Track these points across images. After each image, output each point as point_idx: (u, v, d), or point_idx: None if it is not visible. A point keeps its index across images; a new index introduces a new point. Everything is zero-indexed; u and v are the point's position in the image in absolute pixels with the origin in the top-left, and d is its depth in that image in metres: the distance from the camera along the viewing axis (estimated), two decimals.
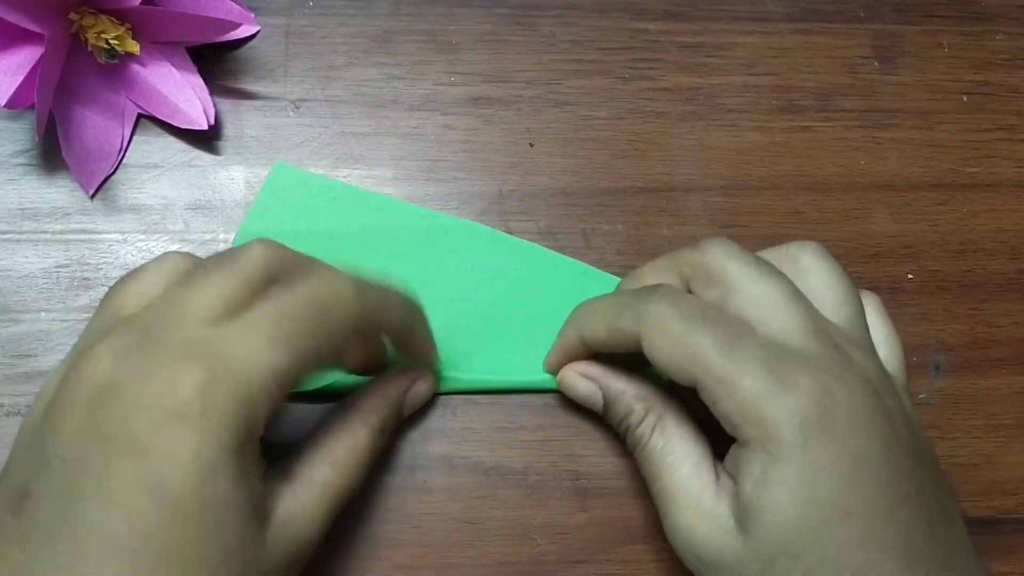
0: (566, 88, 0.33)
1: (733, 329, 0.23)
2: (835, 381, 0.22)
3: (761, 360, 0.22)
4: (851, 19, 0.35)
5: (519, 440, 0.29)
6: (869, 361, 0.24)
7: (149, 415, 0.20)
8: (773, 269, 0.24)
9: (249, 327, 0.21)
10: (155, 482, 0.19)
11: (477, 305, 0.30)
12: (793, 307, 0.23)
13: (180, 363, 0.20)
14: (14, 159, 0.31)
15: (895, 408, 0.23)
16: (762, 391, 0.22)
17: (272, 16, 0.33)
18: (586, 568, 0.28)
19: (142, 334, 0.21)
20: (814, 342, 0.23)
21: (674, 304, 0.24)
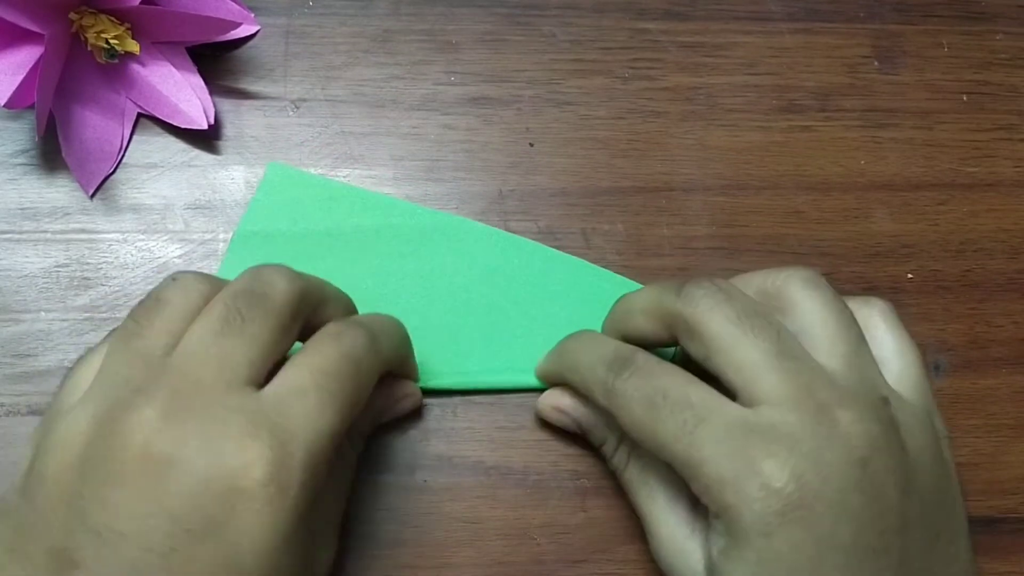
0: (566, 88, 0.33)
1: (697, 411, 0.22)
2: (806, 461, 0.21)
3: (725, 443, 0.21)
4: (851, 19, 0.35)
5: (519, 440, 0.29)
6: (861, 419, 0.22)
7: (222, 495, 0.19)
8: (759, 321, 0.23)
9: (300, 393, 0.21)
10: (232, 562, 0.19)
11: (475, 303, 0.30)
12: (776, 372, 0.22)
13: (249, 438, 0.20)
14: (14, 159, 0.31)
15: (885, 470, 0.22)
16: (724, 477, 0.21)
17: (272, 16, 0.33)
18: (586, 568, 0.28)
19: (189, 395, 0.20)
20: (794, 411, 0.21)
21: (639, 386, 0.23)
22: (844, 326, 0.23)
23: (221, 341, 0.21)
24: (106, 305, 0.30)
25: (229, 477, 0.19)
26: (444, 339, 0.29)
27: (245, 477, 0.19)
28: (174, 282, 0.23)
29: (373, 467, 0.29)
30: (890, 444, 0.22)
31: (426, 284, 0.30)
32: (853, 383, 0.23)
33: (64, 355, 0.29)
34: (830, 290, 0.24)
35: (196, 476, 0.19)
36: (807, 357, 0.23)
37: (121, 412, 0.20)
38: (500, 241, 0.31)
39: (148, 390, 0.20)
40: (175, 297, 0.22)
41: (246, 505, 0.19)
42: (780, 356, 0.22)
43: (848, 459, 0.21)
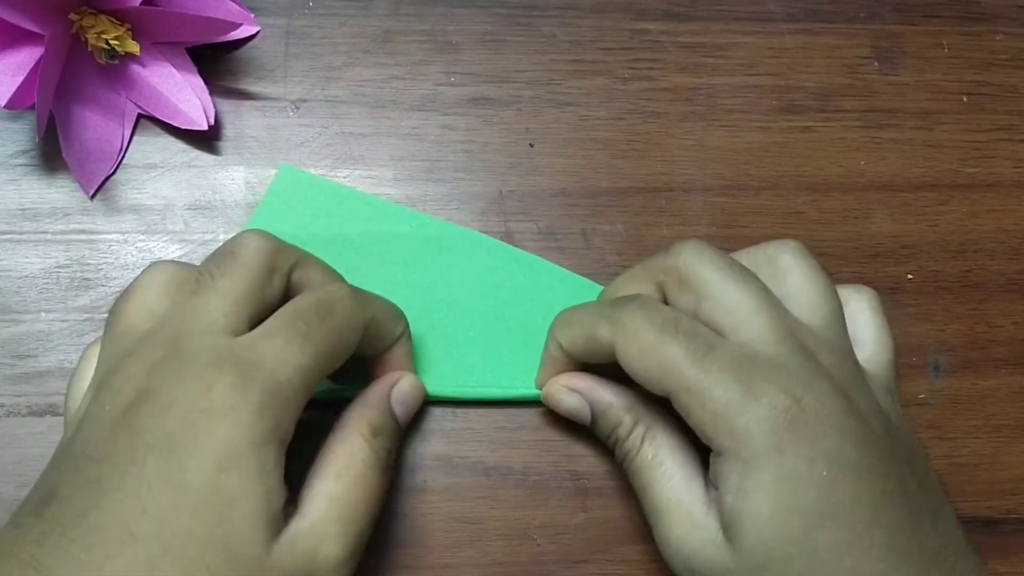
0: (566, 88, 0.33)
1: (704, 340, 0.23)
2: (802, 387, 0.22)
3: (731, 370, 0.22)
4: (851, 19, 0.35)
5: (519, 440, 0.29)
6: (838, 364, 0.24)
7: (181, 414, 0.21)
8: (745, 273, 0.24)
9: (270, 333, 0.22)
10: (176, 473, 0.20)
11: (477, 315, 0.30)
12: (764, 313, 0.23)
13: (213, 368, 0.21)
14: (14, 159, 0.31)
15: (868, 408, 0.23)
16: (732, 401, 0.22)
17: (272, 16, 0.33)
18: (586, 568, 0.28)
19: (169, 346, 0.22)
20: (783, 348, 0.23)
21: (647, 315, 0.24)
22: (828, 295, 0.25)
23: (194, 299, 0.23)
24: (106, 306, 0.30)
25: (191, 397, 0.21)
26: (445, 350, 0.29)
27: (206, 398, 0.21)
28: (146, 271, 0.25)
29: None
30: (865, 390, 0.24)
31: (429, 294, 0.30)
32: (830, 338, 0.24)
33: (64, 356, 0.29)
34: (815, 261, 0.26)
35: (164, 401, 0.21)
36: (788, 310, 0.24)
37: (113, 372, 0.22)
38: (505, 254, 0.31)
39: (134, 352, 0.22)
40: (146, 281, 0.24)
41: (201, 421, 0.20)
42: (768, 303, 0.24)
43: (835, 391, 0.23)
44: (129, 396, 0.21)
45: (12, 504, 0.28)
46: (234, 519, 0.20)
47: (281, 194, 0.31)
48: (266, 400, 0.21)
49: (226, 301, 0.23)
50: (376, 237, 0.31)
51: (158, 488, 0.20)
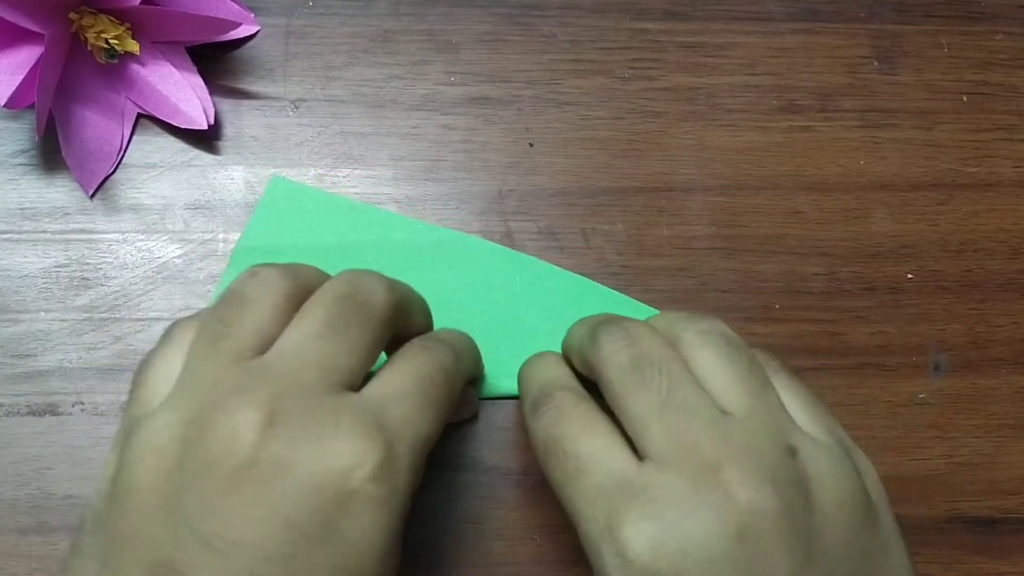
0: (566, 88, 0.33)
1: (580, 463, 0.21)
2: (668, 532, 0.19)
3: (596, 502, 0.21)
4: (851, 19, 0.35)
5: (519, 440, 0.29)
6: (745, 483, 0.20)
7: (337, 497, 0.19)
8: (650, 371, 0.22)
9: (403, 396, 0.21)
10: (347, 560, 0.19)
11: (477, 318, 0.30)
12: (658, 425, 0.21)
13: (358, 438, 0.19)
14: (14, 159, 0.31)
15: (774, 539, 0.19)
16: (589, 536, 0.21)
17: (272, 16, 0.33)
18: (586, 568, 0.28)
19: (291, 396, 0.20)
20: (668, 473, 0.20)
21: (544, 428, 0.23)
22: (742, 374, 0.22)
23: (323, 345, 0.21)
24: (106, 305, 0.30)
25: (343, 477, 0.19)
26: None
27: (359, 477, 0.19)
28: (254, 277, 0.22)
29: None
30: (786, 508, 0.20)
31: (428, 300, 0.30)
32: (752, 434, 0.21)
33: (64, 355, 0.29)
34: (724, 338, 0.23)
35: (310, 478, 0.19)
36: (702, 410, 0.21)
37: (220, 415, 0.19)
38: (501, 257, 0.31)
39: (246, 391, 0.19)
40: (259, 295, 0.22)
41: (361, 506, 0.19)
42: (667, 409, 0.21)
43: (721, 531, 0.19)
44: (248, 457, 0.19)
45: (12, 503, 0.28)
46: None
47: (273, 205, 0.31)
48: (412, 478, 0.20)
49: (354, 355, 0.21)
50: (371, 245, 0.31)
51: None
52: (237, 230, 0.31)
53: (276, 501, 0.18)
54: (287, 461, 0.19)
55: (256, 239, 0.30)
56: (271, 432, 0.19)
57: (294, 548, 0.18)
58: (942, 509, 0.30)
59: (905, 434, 0.30)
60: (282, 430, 0.19)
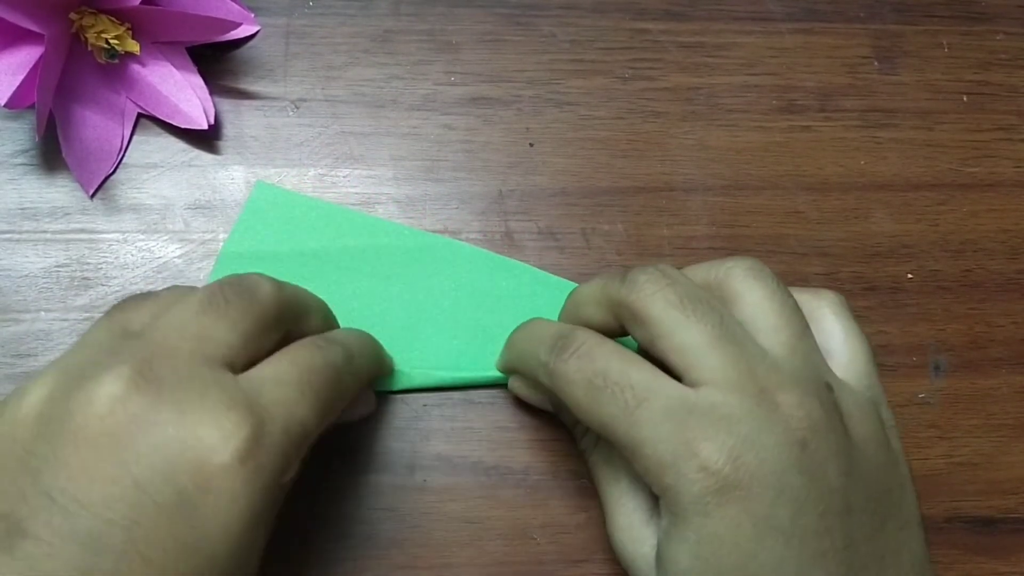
0: (566, 88, 0.33)
1: (635, 392, 0.22)
2: (744, 442, 0.21)
3: (663, 425, 0.21)
4: (851, 19, 0.35)
5: (519, 440, 0.29)
6: (800, 404, 0.22)
7: (196, 468, 0.18)
8: (700, 307, 0.22)
9: (280, 380, 0.21)
10: (197, 538, 0.18)
11: (462, 323, 0.30)
12: (717, 352, 0.22)
13: (226, 413, 0.19)
14: (14, 159, 0.31)
15: (831, 449, 0.22)
16: (662, 459, 0.21)
17: (272, 16, 0.33)
18: (586, 568, 0.28)
19: (163, 362, 0.20)
20: (734, 392, 0.21)
21: (580, 367, 0.23)
22: (787, 314, 0.23)
23: (201, 318, 0.21)
24: (106, 305, 0.30)
25: (206, 450, 0.18)
26: (433, 360, 0.29)
27: (223, 451, 0.19)
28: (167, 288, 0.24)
29: (373, 467, 0.29)
30: (832, 427, 0.22)
31: (412, 305, 0.30)
32: (796, 368, 0.23)
33: None
34: (773, 279, 0.24)
35: (169, 445, 0.18)
36: (750, 342, 0.23)
37: (91, 371, 0.19)
38: (486, 261, 0.31)
39: (119, 353, 0.20)
40: (165, 292, 0.23)
41: (220, 483, 0.18)
42: (722, 339, 0.22)
43: (787, 440, 0.21)
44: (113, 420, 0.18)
45: None
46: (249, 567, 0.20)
47: (257, 211, 0.31)
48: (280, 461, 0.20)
49: (233, 332, 0.21)
50: (355, 250, 0.30)
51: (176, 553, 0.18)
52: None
53: (128, 460, 0.18)
54: (146, 423, 0.18)
55: (241, 244, 0.30)
56: (135, 393, 0.19)
57: (140, 513, 0.18)
58: (942, 509, 0.30)
59: (905, 434, 0.30)
60: (146, 392, 0.19)
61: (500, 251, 0.31)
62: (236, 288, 0.22)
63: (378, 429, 0.29)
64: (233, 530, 0.19)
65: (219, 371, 0.20)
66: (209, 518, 0.18)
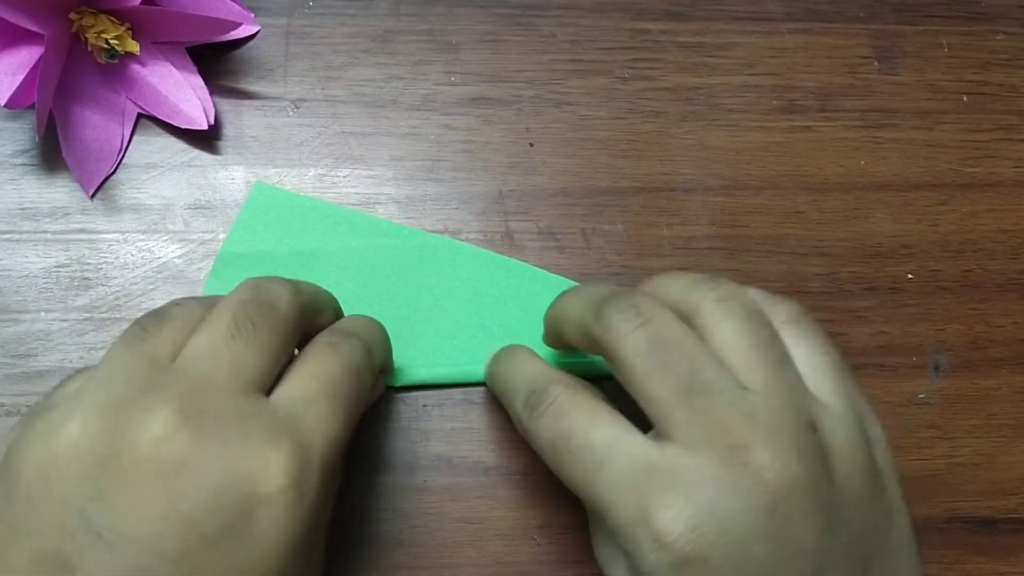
0: (566, 88, 0.33)
1: (597, 454, 0.21)
2: (704, 512, 0.20)
3: (622, 489, 0.21)
4: (851, 19, 0.35)
5: (519, 440, 0.29)
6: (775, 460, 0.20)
7: (241, 500, 0.19)
8: (672, 354, 0.22)
9: (311, 400, 0.21)
10: (247, 567, 0.19)
11: (462, 322, 0.30)
12: (683, 410, 0.21)
13: (269, 444, 0.19)
14: (14, 159, 0.31)
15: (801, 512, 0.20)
16: (622, 525, 0.21)
17: (272, 16, 0.33)
18: (586, 568, 0.28)
19: (201, 397, 0.20)
20: (698, 455, 0.20)
21: (549, 425, 0.23)
22: (761, 347, 0.22)
23: (233, 346, 0.21)
24: (106, 305, 0.30)
25: (249, 482, 0.19)
26: (432, 358, 0.30)
27: (266, 483, 0.19)
28: (177, 304, 0.23)
29: (373, 467, 0.29)
30: (810, 483, 0.20)
31: (411, 305, 0.30)
32: (774, 411, 0.21)
33: (64, 355, 0.29)
34: (743, 309, 0.23)
35: (214, 480, 0.19)
36: (725, 390, 0.21)
37: (129, 410, 0.19)
38: (485, 260, 0.31)
39: (157, 390, 0.20)
40: (180, 312, 0.22)
41: (266, 511, 0.19)
42: (690, 393, 0.21)
43: (753, 507, 0.20)
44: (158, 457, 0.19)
45: None
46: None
47: (256, 212, 0.31)
48: (323, 484, 0.20)
49: (264, 356, 0.21)
50: (355, 250, 0.30)
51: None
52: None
53: (176, 499, 0.18)
54: (192, 460, 0.19)
55: (239, 245, 0.30)
56: (178, 430, 0.19)
57: (189, 546, 0.18)
58: (942, 509, 0.30)
59: (905, 434, 0.30)
60: (190, 429, 0.19)
61: (500, 251, 0.31)
62: (259, 306, 0.22)
63: (378, 429, 0.29)
64: (280, 554, 0.19)
65: (256, 400, 0.20)
66: (256, 546, 0.19)
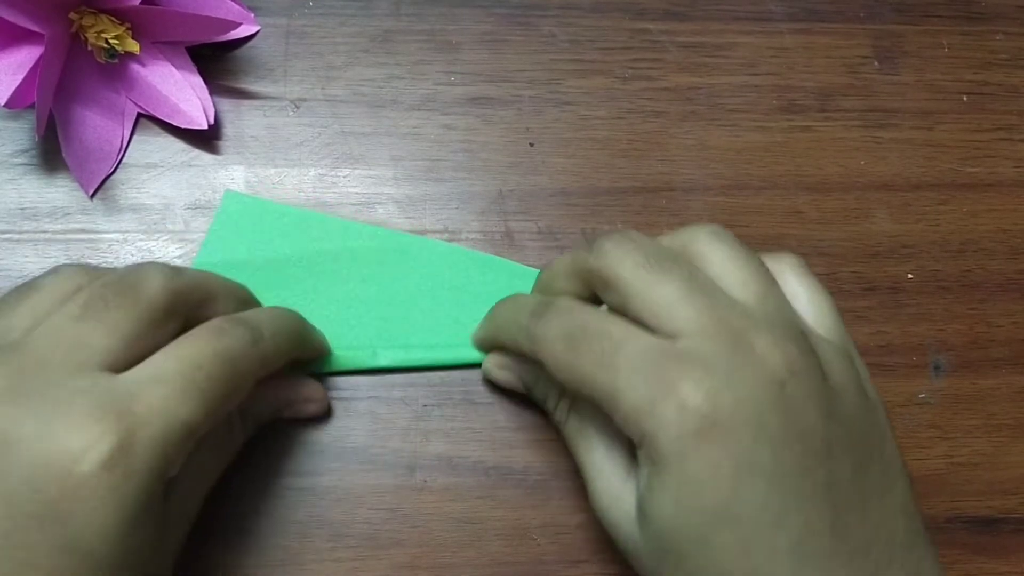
0: (566, 88, 0.33)
1: (613, 340, 0.22)
2: (721, 383, 0.21)
3: (640, 371, 0.21)
4: (851, 19, 0.35)
5: (519, 440, 0.29)
6: (776, 345, 0.22)
7: (61, 479, 0.19)
8: (667, 264, 0.23)
9: (160, 380, 0.21)
10: (76, 543, 0.19)
11: (440, 320, 0.30)
12: (688, 304, 0.22)
13: (92, 421, 0.19)
14: (14, 159, 0.31)
15: (808, 391, 0.22)
16: (640, 404, 0.21)
17: (272, 16, 0.33)
18: (586, 568, 0.28)
19: (32, 375, 0.20)
20: (709, 339, 0.21)
21: (561, 324, 0.23)
22: (752, 269, 0.24)
23: (78, 325, 0.21)
24: None
25: (69, 460, 0.19)
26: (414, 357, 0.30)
27: (84, 461, 0.19)
28: (53, 272, 0.23)
29: (373, 467, 0.29)
30: (809, 368, 0.22)
31: (389, 305, 0.30)
32: (769, 314, 0.23)
33: None
34: (736, 240, 0.24)
35: (33, 459, 0.19)
36: (721, 293, 0.23)
37: None
38: (461, 257, 0.31)
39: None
40: (49, 284, 0.22)
41: (88, 491, 0.19)
42: (692, 292, 0.22)
43: (765, 380, 0.21)
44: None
45: None
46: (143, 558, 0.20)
47: (228, 221, 0.31)
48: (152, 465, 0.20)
49: (112, 336, 0.21)
50: (330, 254, 0.30)
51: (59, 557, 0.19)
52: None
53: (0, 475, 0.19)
54: (12, 438, 0.19)
55: (213, 255, 0.30)
56: (3, 407, 0.19)
57: (14, 523, 0.19)
58: (942, 509, 0.30)
59: (905, 434, 0.30)
60: (12, 407, 0.19)
61: (500, 251, 0.31)
62: (118, 287, 0.22)
63: (378, 429, 0.29)
64: (109, 532, 0.19)
65: (92, 377, 0.20)
66: (81, 524, 0.19)
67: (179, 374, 0.21)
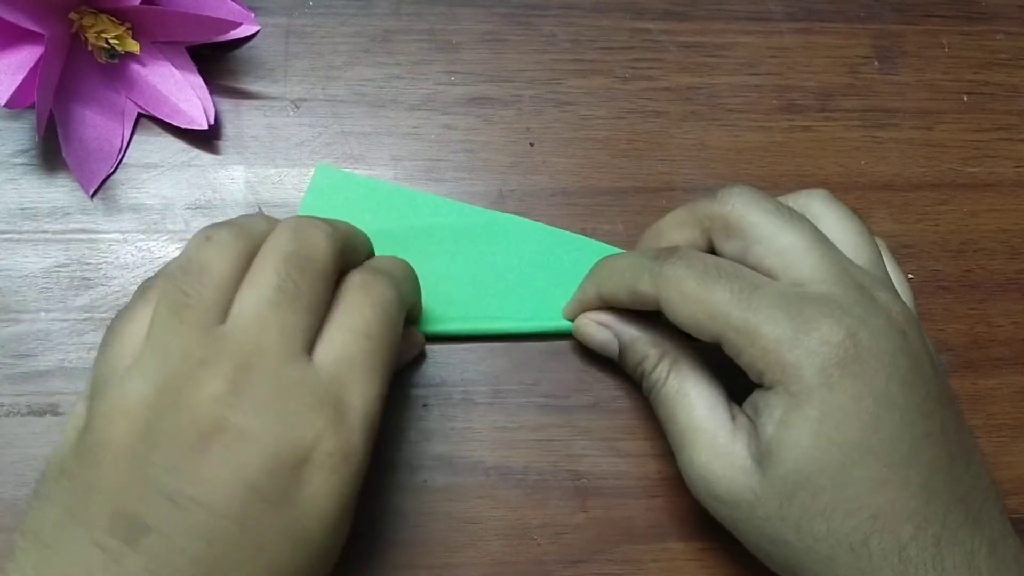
0: (566, 88, 0.33)
1: (749, 281, 0.23)
2: (858, 322, 0.22)
3: (780, 307, 0.22)
4: (851, 19, 0.35)
5: (519, 440, 0.29)
6: (894, 301, 0.24)
7: (294, 466, 0.20)
8: (794, 215, 0.24)
9: (349, 360, 0.22)
10: (300, 530, 0.20)
11: (527, 297, 0.30)
12: (816, 252, 0.24)
13: (314, 413, 0.21)
14: (14, 159, 0.31)
15: (920, 347, 0.23)
16: (782, 336, 0.22)
17: (272, 16, 0.33)
18: (586, 568, 0.28)
19: (252, 367, 0.21)
20: (838, 285, 0.23)
21: (689, 264, 0.24)
22: (867, 234, 0.26)
23: (277, 311, 0.21)
24: (106, 305, 0.30)
25: (301, 448, 0.20)
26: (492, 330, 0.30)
27: (315, 448, 0.20)
28: (209, 242, 0.22)
29: (373, 467, 0.29)
30: (918, 326, 0.24)
31: (476, 281, 0.30)
32: (883, 276, 0.25)
33: (64, 355, 0.29)
34: (847, 207, 0.26)
35: (270, 447, 0.20)
36: (839, 250, 0.25)
37: (186, 384, 0.20)
38: (546, 236, 0.31)
39: (211, 362, 0.21)
40: (216, 261, 0.22)
41: (314, 475, 0.20)
42: (818, 242, 0.24)
43: (891, 328, 0.23)
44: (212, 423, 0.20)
45: (12, 503, 0.28)
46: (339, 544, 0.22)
47: (319, 194, 0.31)
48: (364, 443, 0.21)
49: (308, 317, 0.22)
50: (418, 230, 0.31)
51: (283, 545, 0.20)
52: None
53: (239, 466, 0.20)
54: (250, 430, 0.20)
55: None
56: (235, 402, 0.20)
57: (250, 509, 0.20)
58: None
59: None
60: (246, 401, 0.20)
61: None
62: (300, 262, 0.22)
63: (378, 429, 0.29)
64: (329, 513, 0.21)
65: (302, 364, 0.21)
66: (309, 508, 0.20)
67: (360, 350, 0.22)
